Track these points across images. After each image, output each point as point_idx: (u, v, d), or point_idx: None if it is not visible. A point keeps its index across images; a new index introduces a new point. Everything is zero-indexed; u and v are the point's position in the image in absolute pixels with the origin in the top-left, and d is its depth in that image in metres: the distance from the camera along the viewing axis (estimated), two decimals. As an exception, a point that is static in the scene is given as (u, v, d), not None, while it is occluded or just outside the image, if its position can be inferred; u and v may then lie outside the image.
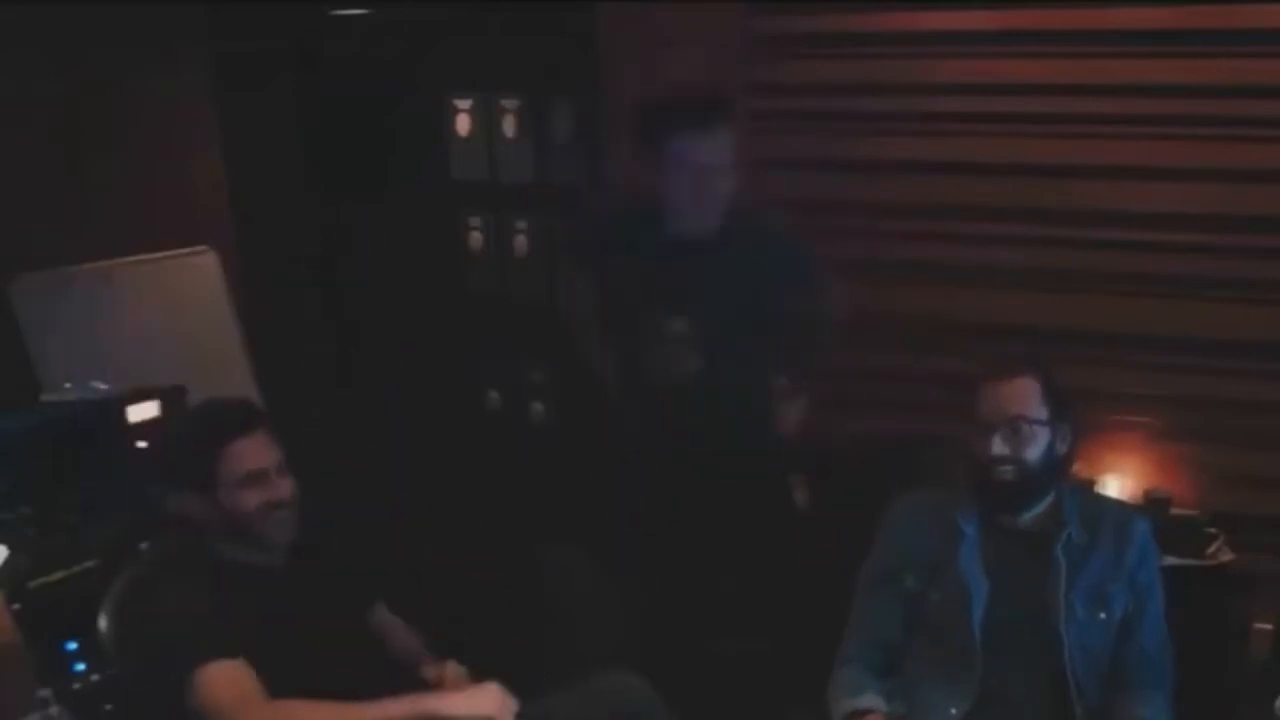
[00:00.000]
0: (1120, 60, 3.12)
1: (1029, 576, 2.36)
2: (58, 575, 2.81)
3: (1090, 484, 3.03)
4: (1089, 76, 3.14)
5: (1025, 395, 2.36)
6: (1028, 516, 2.40)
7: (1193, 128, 3.08)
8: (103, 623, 2.34)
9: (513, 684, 2.38)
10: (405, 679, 2.47)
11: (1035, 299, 3.32)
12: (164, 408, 3.09)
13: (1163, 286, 3.20)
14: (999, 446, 2.34)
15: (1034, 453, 2.34)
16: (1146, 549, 2.39)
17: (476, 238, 4.02)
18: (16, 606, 2.67)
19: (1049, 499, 2.41)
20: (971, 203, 3.34)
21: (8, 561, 2.72)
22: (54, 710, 2.18)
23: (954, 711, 2.31)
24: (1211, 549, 2.98)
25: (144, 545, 2.76)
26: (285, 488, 2.35)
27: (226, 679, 2.15)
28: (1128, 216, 3.19)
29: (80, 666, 2.78)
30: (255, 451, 2.32)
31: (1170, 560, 2.66)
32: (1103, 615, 2.34)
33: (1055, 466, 2.38)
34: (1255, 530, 3.06)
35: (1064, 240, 3.26)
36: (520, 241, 3.95)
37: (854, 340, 3.50)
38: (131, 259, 3.64)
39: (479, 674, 2.40)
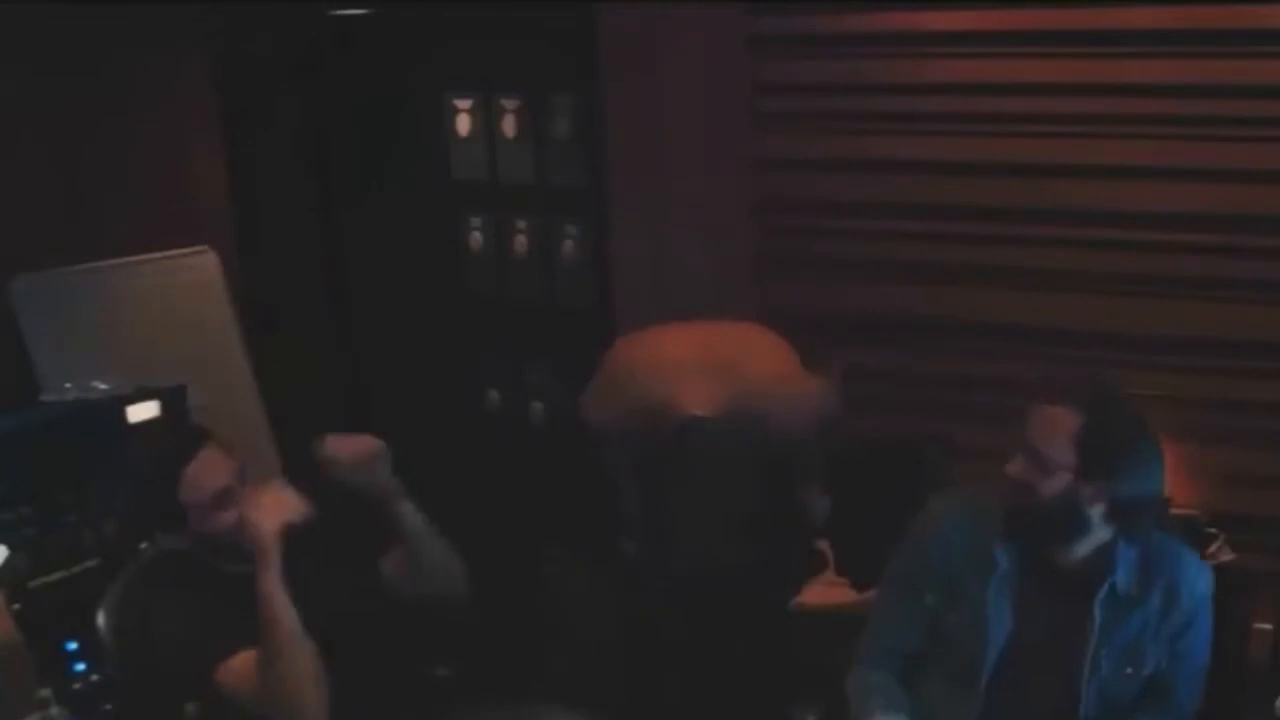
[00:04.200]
0: (1120, 60, 3.11)
1: (1058, 625, 2.21)
2: (58, 575, 2.82)
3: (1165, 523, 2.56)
4: (1089, 76, 3.14)
5: (1051, 430, 2.14)
6: (1071, 555, 2.19)
7: (1193, 128, 3.07)
8: (101, 625, 2.34)
9: (511, 683, 2.38)
10: (407, 677, 2.46)
11: (1035, 299, 3.32)
12: (164, 408, 3.10)
13: (1163, 286, 3.20)
14: (1014, 468, 2.16)
15: (1049, 490, 2.13)
16: (1198, 612, 2.23)
17: (476, 238, 4.01)
18: (16, 606, 2.68)
19: (1097, 539, 2.18)
20: (971, 203, 3.33)
21: (8, 561, 2.73)
22: (54, 710, 2.17)
23: None
24: (1211, 549, 2.97)
25: (144, 545, 2.76)
26: None
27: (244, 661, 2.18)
28: (1128, 216, 3.19)
29: (80, 666, 2.78)
30: (210, 470, 2.30)
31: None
32: (1129, 670, 2.22)
33: (1080, 517, 2.15)
34: (1255, 530, 3.06)
35: (1064, 240, 3.26)
36: (520, 241, 3.94)
37: (854, 340, 3.51)
38: (131, 259, 3.64)
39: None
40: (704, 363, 2.95)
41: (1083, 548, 2.17)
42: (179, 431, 2.45)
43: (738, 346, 3.02)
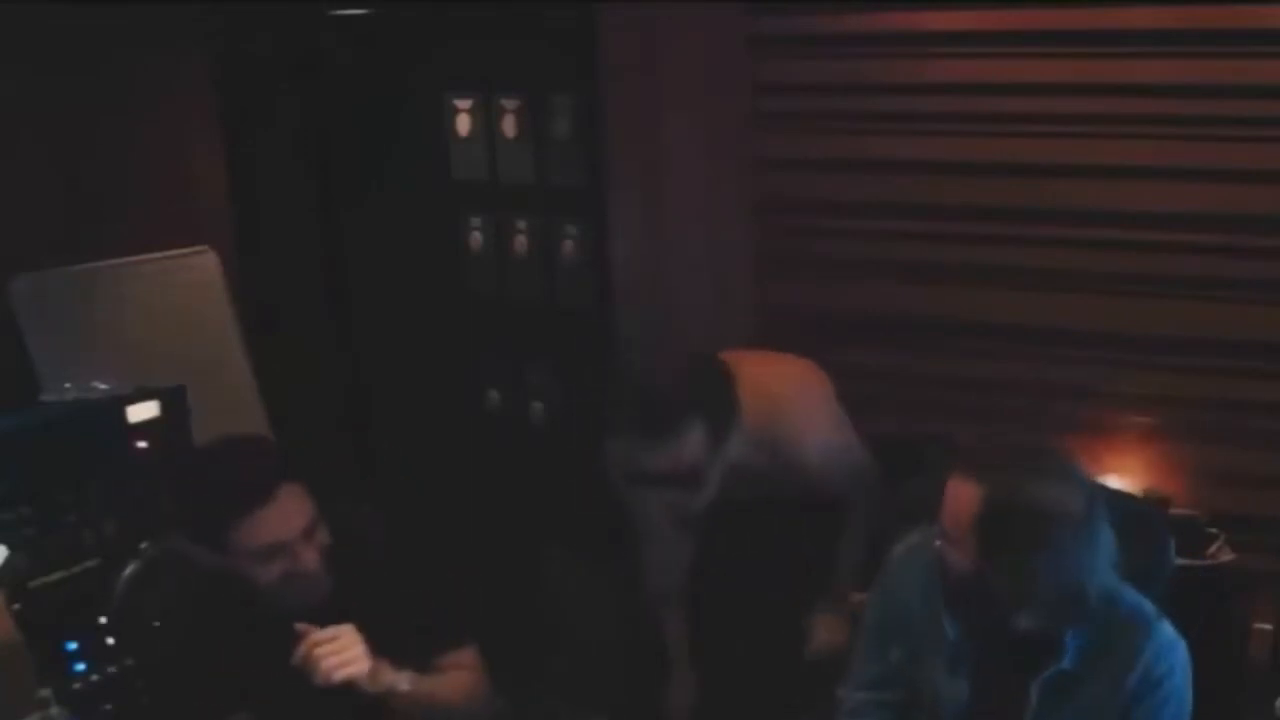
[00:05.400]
0: (1120, 60, 3.12)
1: (1004, 699, 2.09)
2: (58, 575, 2.81)
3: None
4: (1089, 76, 3.14)
5: (952, 503, 1.97)
6: (1012, 631, 2.03)
7: (1193, 128, 3.08)
8: (112, 613, 2.32)
9: (511, 683, 2.38)
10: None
11: (1035, 299, 3.32)
12: (164, 408, 3.09)
13: (1163, 286, 3.20)
14: (937, 537, 2.02)
15: (957, 566, 1.99)
16: (1150, 693, 2.04)
17: (476, 238, 4.01)
18: (16, 606, 2.68)
19: (1027, 621, 2.01)
20: (971, 203, 3.34)
21: (8, 561, 2.72)
22: (54, 710, 2.17)
23: None
24: (1211, 549, 2.98)
25: (144, 545, 2.76)
26: (311, 557, 2.12)
27: None
28: (1128, 216, 3.19)
29: (80, 666, 2.78)
30: (276, 523, 2.07)
31: (1171, 561, 2.65)
32: None
33: (993, 599, 1.99)
34: (1255, 530, 3.06)
35: (1064, 240, 3.26)
36: (520, 241, 3.94)
37: (854, 340, 3.52)
38: (131, 259, 3.64)
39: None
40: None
41: (1019, 625, 2.00)
42: (260, 467, 2.12)
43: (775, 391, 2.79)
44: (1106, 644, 2.03)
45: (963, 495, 1.95)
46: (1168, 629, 2.08)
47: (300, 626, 2.05)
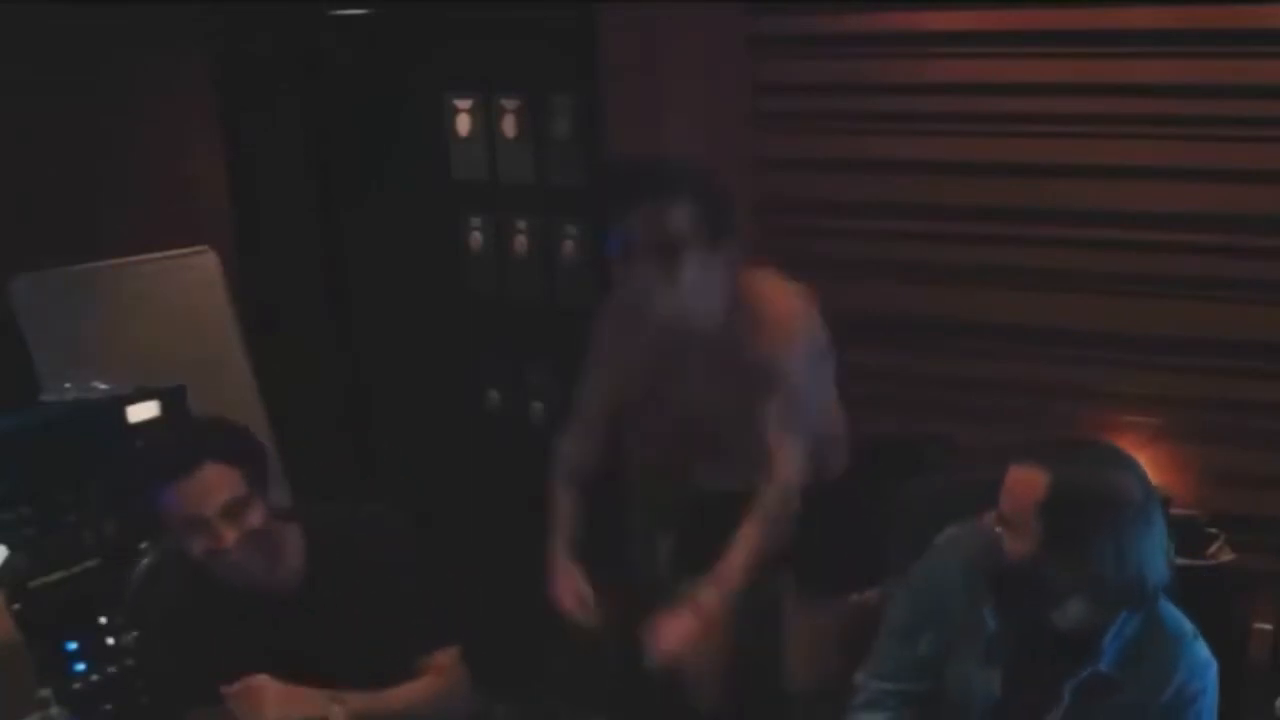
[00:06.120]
0: (1120, 60, 3.12)
1: (1038, 698, 2.07)
2: (58, 575, 2.82)
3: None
4: (1089, 76, 3.15)
5: (1017, 491, 1.99)
6: (1056, 625, 2.03)
7: (1193, 128, 3.08)
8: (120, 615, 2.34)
9: (511, 683, 2.37)
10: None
11: (1035, 299, 3.32)
12: (164, 408, 3.10)
13: (1163, 286, 3.20)
14: (992, 521, 2.03)
15: (1015, 554, 1.99)
16: (1190, 687, 2.04)
17: (476, 238, 4.02)
18: (16, 606, 2.68)
19: (1078, 613, 2.02)
20: (971, 203, 3.34)
21: (8, 561, 2.73)
22: (54, 710, 2.17)
23: None
24: (1211, 549, 2.98)
25: (144, 545, 2.77)
26: (231, 536, 2.11)
27: None
28: (1128, 216, 3.19)
29: (80, 666, 2.79)
30: (194, 496, 2.10)
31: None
32: None
33: (1049, 588, 2.00)
34: (1255, 530, 3.06)
35: (1064, 240, 3.26)
36: (520, 241, 3.94)
37: (854, 340, 3.51)
38: (131, 259, 3.64)
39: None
40: None
41: (1065, 620, 2.01)
42: (184, 440, 2.22)
43: None
44: (1144, 652, 2.04)
45: (1027, 481, 1.97)
46: (1204, 648, 2.09)
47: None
